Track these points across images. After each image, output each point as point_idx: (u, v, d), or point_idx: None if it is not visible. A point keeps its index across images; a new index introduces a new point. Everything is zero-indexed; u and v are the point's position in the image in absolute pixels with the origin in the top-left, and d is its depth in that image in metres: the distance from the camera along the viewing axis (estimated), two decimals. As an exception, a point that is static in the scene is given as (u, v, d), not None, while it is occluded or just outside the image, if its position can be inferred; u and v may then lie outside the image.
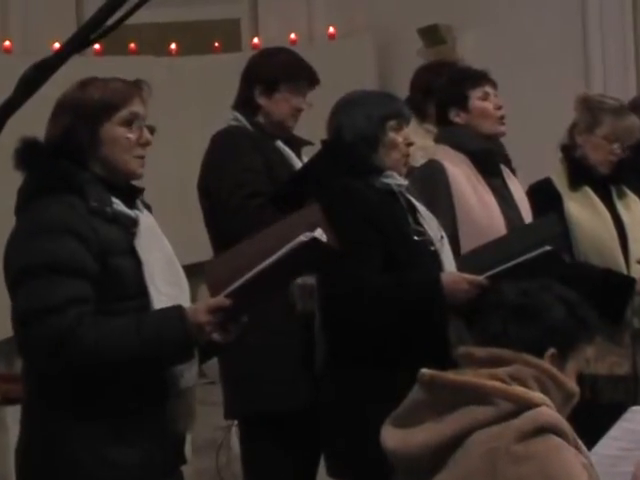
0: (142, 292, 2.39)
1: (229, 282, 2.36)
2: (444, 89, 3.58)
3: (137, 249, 2.40)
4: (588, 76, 5.85)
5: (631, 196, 3.76)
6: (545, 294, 2.24)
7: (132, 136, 2.45)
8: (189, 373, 2.44)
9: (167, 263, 2.46)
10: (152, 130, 2.50)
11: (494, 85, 3.52)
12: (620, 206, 3.72)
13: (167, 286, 2.42)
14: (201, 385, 5.02)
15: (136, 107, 2.47)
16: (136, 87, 2.50)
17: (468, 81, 3.49)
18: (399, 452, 2.14)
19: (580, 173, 3.68)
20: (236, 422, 3.83)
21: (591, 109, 3.69)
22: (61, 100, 2.49)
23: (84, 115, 2.43)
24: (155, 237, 2.47)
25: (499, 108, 3.48)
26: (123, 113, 2.45)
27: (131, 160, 2.46)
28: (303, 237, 2.34)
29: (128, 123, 2.45)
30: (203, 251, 3.64)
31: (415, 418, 2.13)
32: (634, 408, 2.59)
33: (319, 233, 2.36)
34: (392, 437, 2.15)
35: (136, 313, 2.37)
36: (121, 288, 2.38)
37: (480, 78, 3.50)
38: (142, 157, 2.49)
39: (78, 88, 2.48)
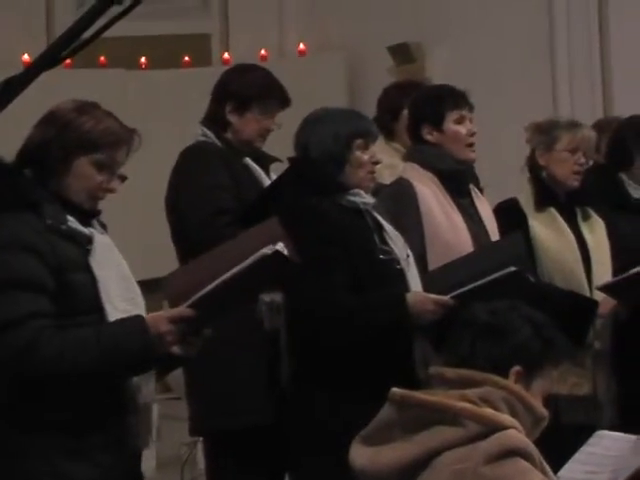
0: (98, 308, 2.40)
1: (189, 294, 2.37)
2: (420, 104, 3.54)
3: (92, 265, 2.40)
4: (555, 96, 5.90)
5: (596, 218, 3.79)
6: (513, 314, 2.27)
7: (101, 180, 2.45)
8: (146, 388, 2.43)
9: (123, 280, 2.46)
10: (123, 179, 2.49)
11: (471, 108, 3.50)
12: (584, 228, 3.74)
13: (123, 302, 2.43)
14: (167, 400, 5.02)
15: (119, 155, 2.46)
16: (129, 135, 2.48)
17: (447, 101, 3.46)
18: (367, 470, 2.14)
19: (546, 194, 3.71)
20: (202, 438, 3.82)
21: (545, 130, 3.74)
22: (54, 111, 2.48)
23: (66, 139, 2.42)
24: (110, 254, 2.47)
25: (472, 135, 3.47)
26: (102, 156, 2.43)
27: (89, 201, 2.46)
28: (267, 250, 2.34)
29: (102, 167, 2.44)
30: (172, 265, 3.62)
31: (384, 437, 2.14)
32: (599, 433, 2.60)
33: (281, 247, 2.37)
34: (361, 455, 2.16)
35: (95, 325, 2.37)
36: (77, 304, 2.38)
37: (459, 100, 3.47)
38: (100, 199, 2.48)
39: (75, 109, 2.47)
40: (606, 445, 2.51)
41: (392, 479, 2.11)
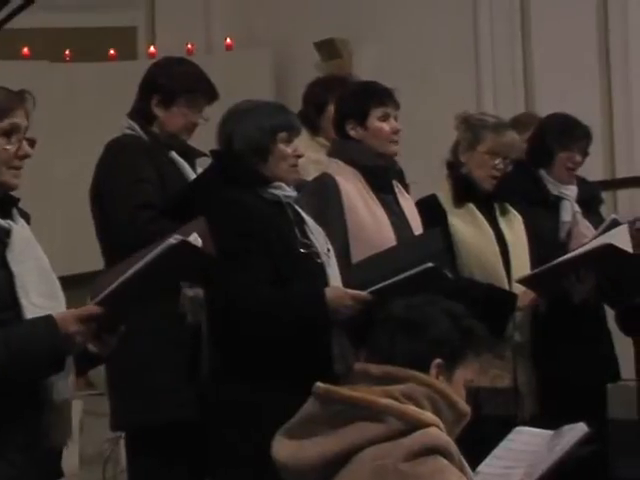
0: (14, 304, 2.34)
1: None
2: (346, 100, 3.56)
3: (8, 260, 2.35)
4: (479, 93, 5.97)
5: (514, 213, 3.85)
6: (431, 307, 2.29)
7: (10, 148, 2.41)
8: (63, 384, 2.39)
9: (41, 275, 2.42)
10: (32, 143, 2.46)
11: (397, 106, 3.52)
12: (502, 223, 3.80)
13: (40, 298, 2.38)
14: (89, 396, 4.97)
15: (18, 119, 2.42)
16: (19, 98, 2.45)
17: (372, 98, 3.48)
18: (289, 464, 2.15)
19: (464, 190, 3.75)
20: (124, 434, 3.80)
21: (472, 127, 3.77)
22: None
23: None
24: (29, 248, 2.43)
25: (395, 132, 3.49)
26: (3, 124, 2.40)
27: (5, 172, 2.41)
28: (172, 240, 2.31)
29: (7, 134, 2.40)
30: (96, 261, 3.59)
31: (307, 431, 2.15)
32: (518, 429, 2.64)
33: (193, 238, 2.35)
34: (283, 449, 2.16)
35: (5, 325, 2.30)
36: None
37: (385, 97, 3.49)
38: (18, 169, 2.43)
39: None
40: (525, 440, 2.55)
41: (314, 473, 2.12)
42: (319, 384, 2.16)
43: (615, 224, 3.65)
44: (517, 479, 2.39)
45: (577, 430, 2.49)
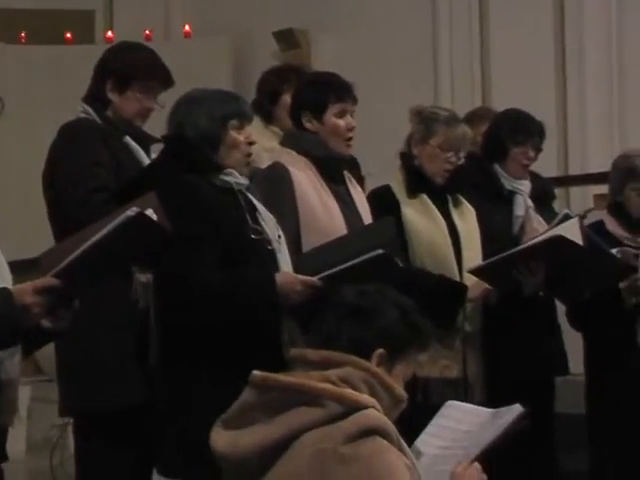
0: None
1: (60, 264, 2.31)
2: (304, 91, 3.54)
3: None
4: (437, 88, 6.01)
5: (466, 205, 3.87)
6: (381, 297, 2.28)
7: None
8: (10, 363, 2.37)
9: None
10: None
11: (355, 102, 3.50)
12: (455, 214, 3.81)
13: None
14: (38, 382, 4.94)
15: None
16: None
17: (332, 93, 3.45)
18: (228, 454, 2.14)
19: (417, 181, 3.76)
20: (72, 420, 3.77)
21: (425, 120, 3.77)
22: None
23: None
24: None
25: (351, 129, 3.48)
26: None
27: None
28: (130, 212, 2.30)
29: None
30: (48, 245, 3.56)
31: (245, 420, 2.14)
32: (449, 403, 2.62)
33: (149, 212, 2.34)
34: (222, 439, 2.15)
35: None
36: None
37: (344, 93, 3.47)
38: None
39: None
40: (458, 418, 2.54)
41: (253, 462, 2.11)
42: (255, 372, 2.14)
43: (567, 218, 3.68)
44: (455, 460, 2.38)
45: (513, 411, 2.48)
